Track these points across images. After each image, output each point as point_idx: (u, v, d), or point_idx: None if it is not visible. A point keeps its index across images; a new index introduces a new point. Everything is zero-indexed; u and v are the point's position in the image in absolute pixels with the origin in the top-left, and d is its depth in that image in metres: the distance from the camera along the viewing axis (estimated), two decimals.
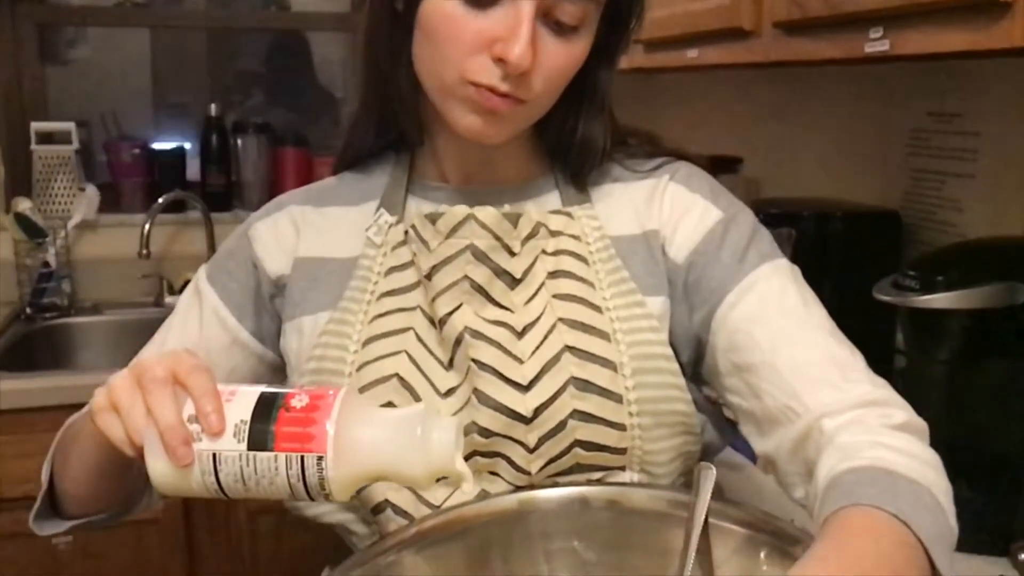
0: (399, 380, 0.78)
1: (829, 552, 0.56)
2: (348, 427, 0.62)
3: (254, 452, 0.61)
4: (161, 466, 0.63)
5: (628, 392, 0.78)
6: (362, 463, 0.62)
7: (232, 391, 0.64)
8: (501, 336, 0.79)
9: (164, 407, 0.61)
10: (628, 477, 0.81)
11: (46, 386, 1.70)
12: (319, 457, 0.61)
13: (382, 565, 0.71)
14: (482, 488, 0.80)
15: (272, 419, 0.62)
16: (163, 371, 0.63)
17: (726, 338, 0.79)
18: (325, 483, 0.62)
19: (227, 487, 0.63)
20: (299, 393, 0.63)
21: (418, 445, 0.62)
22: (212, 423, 0.61)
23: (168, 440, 0.61)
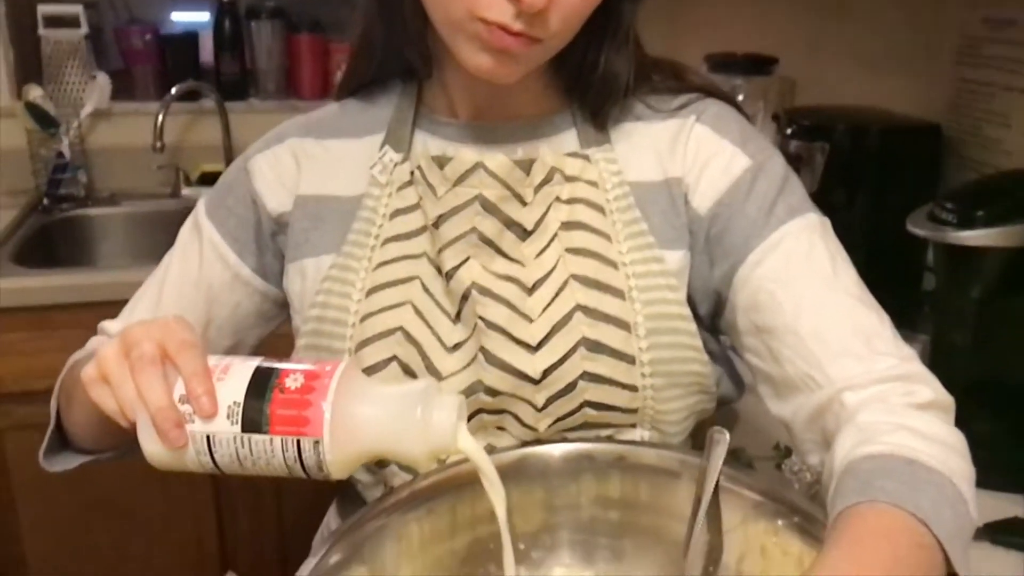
0: (403, 334, 0.76)
1: (840, 561, 0.54)
2: (345, 408, 0.59)
3: (249, 434, 0.60)
4: (154, 446, 0.61)
5: (641, 353, 0.75)
6: (360, 445, 0.60)
7: (225, 367, 0.62)
8: (510, 293, 0.75)
9: (153, 389, 0.59)
10: (638, 435, 0.79)
11: (67, 284, 1.69)
12: (316, 441, 0.59)
13: (374, 528, 0.69)
14: (488, 442, 0.78)
15: (266, 400, 0.59)
16: (152, 347, 0.61)
17: (748, 297, 0.75)
18: (323, 465, 0.60)
19: (223, 467, 0.62)
20: (294, 371, 0.60)
21: (418, 425, 0.60)
22: (203, 406, 0.59)
23: (159, 423, 0.59)
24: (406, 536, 0.71)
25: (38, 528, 1.74)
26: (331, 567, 0.66)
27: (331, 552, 0.67)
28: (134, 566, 1.78)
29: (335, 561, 0.66)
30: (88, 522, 1.75)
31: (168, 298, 0.85)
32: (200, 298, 0.84)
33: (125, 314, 0.87)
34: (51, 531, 1.74)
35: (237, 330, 0.87)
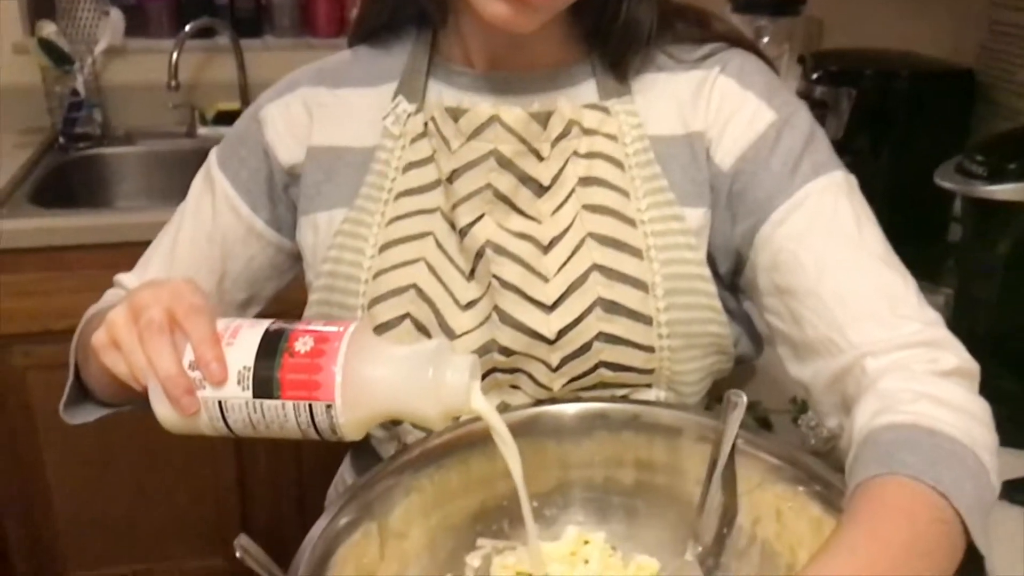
0: (416, 291, 0.75)
1: (859, 539, 0.53)
2: (356, 371, 0.59)
3: (260, 400, 0.59)
4: (166, 412, 0.61)
5: (659, 314, 0.73)
6: (372, 407, 0.60)
7: (235, 330, 0.61)
8: (525, 251, 0.74)
9: (162, 356, 0.59)
10: (654, 395, 0.78)
11: (83, 224, 1.69)
12: (327, 405, 0.58)
13: (386, 487, 0.69)
14: (502, 400, 0.77)
15: (276, 365, 0.59)
16: (160, 313, 0.60)
17: (769, 257, 0.73)
18: (336, 428, 0.59)
19: (237, 431, 0.61)
20: (304, 334, 0.60)
21: (430, 387, 0.59)
22: (213, 372, 0.58)
23: (169, 391, 0.59)
24: (418, 494, 0.71)
25: (62, 464, 1.77)
26: (342, 527, 0.66)
27: (342, 512, 0.67)
28: (155, 503, 1.82)
29: (346, 520, 0.66)
30: (110, 459, 1.78)
31: (182, 251, 0.84)
32: (214, 252, 0.83)
33: (140, 266, 0.87)
34: (74, 467, 1.77)
35: (252, 283, 0.86)
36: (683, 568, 0.73)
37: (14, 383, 1.71)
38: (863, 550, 0.52)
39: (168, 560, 1.87)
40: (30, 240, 1.65)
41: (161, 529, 1.84)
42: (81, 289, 0.87)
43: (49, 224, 1.68)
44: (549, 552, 0.75)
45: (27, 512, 1.79)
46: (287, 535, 1.99)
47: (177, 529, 1.85)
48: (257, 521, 1.86)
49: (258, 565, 0.58)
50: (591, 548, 0.75)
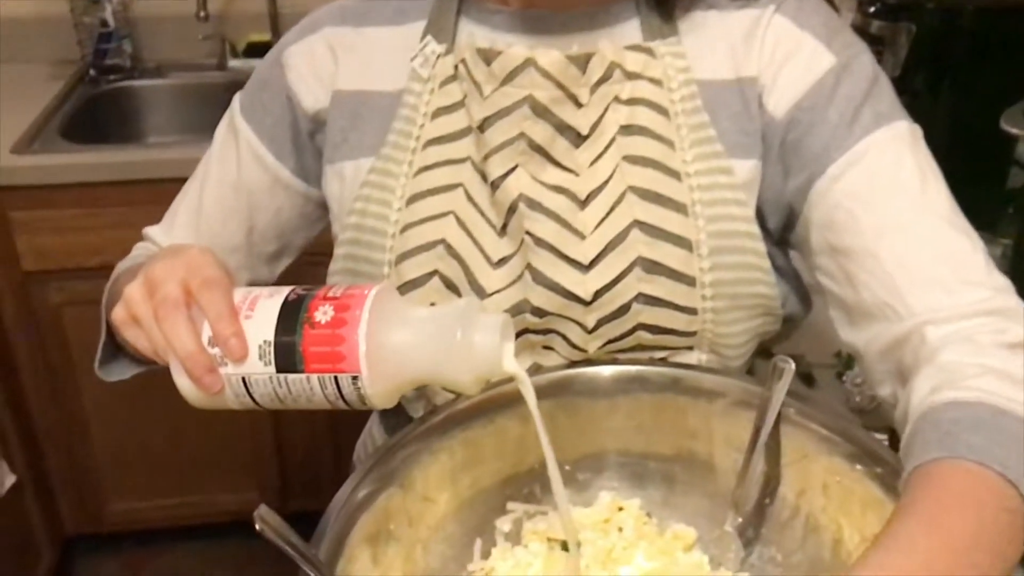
0: (445, 247, 0.71)
1: (918, 532, 0.49)
2: (381, 338, 0.55)
3: (284, 374, 0.57)
4: (190, 390, 0.59)
5: (703, 274, 0.69)
6: (400, 375, 0.57)
7: (252, 302, 0.58)
8: (561, 206, 0.69)
9: (180, 335, 0.57)
10: (695, 358, 0.74)
11: (116, 160, 1.67)
12: (353, 376, 0.56)
13: (414, 450, 0.67)
14: (534, 361, 0.74)
15: (298, 337, 0.56)
16: (175, 289, 0.58)
17: (824, 214, 0.68)
18: (365, 399, 0.57)
19: (264, 405, 0.59)
20: (323, 302, 0.56)
21: (460, 350, 0.56)
22: (233, 348, 0.56)
23: (190, 370, 0.57)
24: (447, 458, 0.69)
25: (99, 398, 1.78)
26: (367, 493, 0.64)
27: (368, 477, 0.64)
28: (191, 437, 1.83)
29: (371, 486, 0.64)
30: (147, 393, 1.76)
31: (208, 204, 0.81)
32: (241, 203, 0.80)
33: (167, 219, 0.84)
34: (111, 401, 1.78)
35: (281, 235, 0.83)
36: (722, 539, 0.70)
37: (50, 319, 1.72)
38: (923, 544, 0.48)
39: (204, 494, 1.90)
40: (62, 176, 1.64)
41: (197, 463, 1.86)
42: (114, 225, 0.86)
43: (80, 159, 1.67)
44: (581, 519, 0.72)
45: (67, 445, 1.82)
46: (321, 469, 2.00)
47: (213, 463, 1.86)
48: (292, 455, 1.87)
49: (278, 537, 0.56)
50: (625, 515, 0.72)
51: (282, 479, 1.88)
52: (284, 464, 1.88)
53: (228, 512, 1.87)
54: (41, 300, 1.71)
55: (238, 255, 0.82)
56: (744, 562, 0.70)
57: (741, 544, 0.69)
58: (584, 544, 0.71)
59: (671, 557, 0.70)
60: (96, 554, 1.94)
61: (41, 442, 1.81)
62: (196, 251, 0.61)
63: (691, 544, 0.71)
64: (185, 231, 0.82)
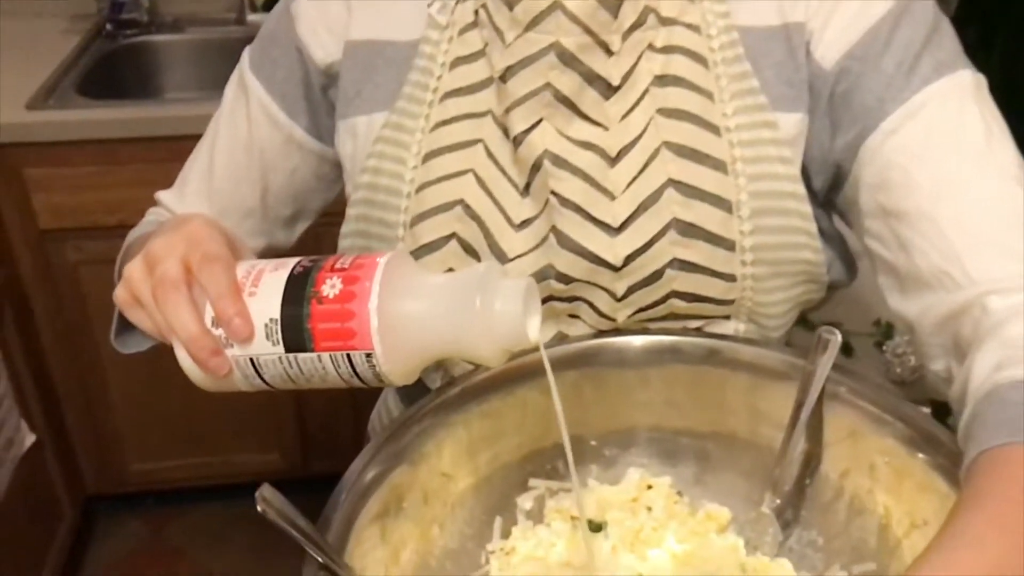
0: (464, 208, 0.66)
1: (987, 528, 0.44)
2: (394, 310, 0.51)
3: (293, 354, 0.53)
4: (196, 373, 0.56)
5: (743, 238, 0.64)
6: (417, 350, 0.53)
7: (256, 276, 0.54)
8: (589, 163, 0.64)
9: (180, 316, 0.53)
10: (732, 328, 0.69)
11: (134, 117, 1.63)
12: (367, 353, 0.51)
13: (429, 424, 0.63)
14: (559, 331, 0.69)
15: (305, 314, 0.52)
16: (174, 267, 0.54)
17: (876, 173, 0.62)
18: (382, 376, 0.53)
19: (276, 386, 0.56)
20: (331, 274, 0.52)
21: (479, 320, 0.51)
22: (237, 329, 0.52)
23: (195, 354, 0.53)
24: (464, 432, 0.65)
25: (119, 358, 1.75)
26: (380, 470, 0.60)
27: (380, 452, 0.61)
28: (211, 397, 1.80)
29: (384, 461, 0.60)
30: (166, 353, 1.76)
31: (220, 167, 0.77)
32: (253, 165, 0.76)
33: (179, 184, 0.80)
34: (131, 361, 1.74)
35: (297, 197, 0.79)
36: (758, 520, 0.66)
37: (68, 278, 1.70)
38: (993, 542, 0.43)
39: (225, 454, 1.88)
40: (78, 132, 1.60)
41: (217, 423, 1.84)
42: (131, 183, 0.84)
43: (98, 116, 1.63)
44: (608, 497, 0.68)
45: (86, 405, 1.81)
46: (342, 430, 1.98)
47: (233, 424, 1.85)
48: (312, 415, 1.85)
49: (282, 519, 0.52)
50: (655, 494, 0.68)
51: (302, 440, 1.87)
52: (304, 425, 1.86)
53: (250, 473, 1.85)
54: (58, 259, 1.69)
55: (253, 219, 0.78)
56: (782, 546, 0.65)
57: (779, 526, 0.65)
58: (610, 524, 0.67)
59: (703, 539, 0.66)
60: (118, 514, 1.95)
61: (61, 402, 1.80)
62: (197, 223, 0.57)
63: (725, 525, 0.67)
64: (197, 196, 0.78)
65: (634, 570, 0.64)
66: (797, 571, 0.64)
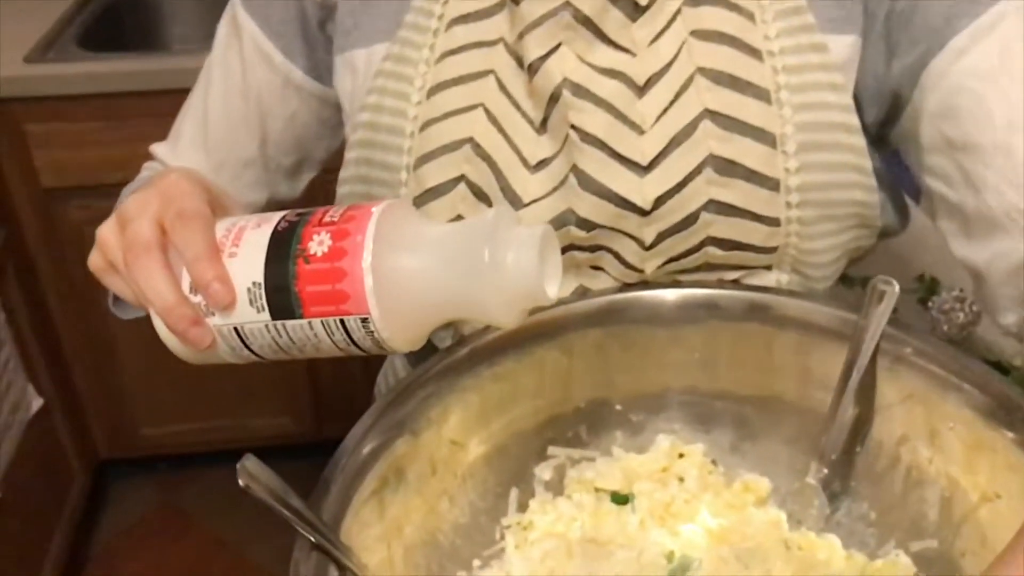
0: (473, 147, 0.59)
1: None
2: (391, 268, 0.45)
3: (281, 321, 0.47)
4: (177, 344, 0.50)
5: (788, 176, 0.57)
6: (419, 312, 0.46)
7: (237, 234, 0.48)
8: (614, 93, 0.57)
9: (153, 283, 0.47)
10: (774, 279, 0.62)
11: (137, 69, 1.57)
12: (363, 318, 0.45)
13: (435, 388, 0.57)
14: (580, 284, 0.63)
15: (291, 275, 0.46)
16: (146, 228, 0.48)
17: (941, 100, 0.55)
18: (383, 343, 0.47)
19: (267, 357, 0.50)
20: (319, 229, 0.46)
21: (489, 275, 0.44)
22: (216, 295, 0.46)
23: (172, 325, 0.48)
24: (476, 397, 0.59)
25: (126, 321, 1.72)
26: (383, 439, 0.54)
27: (383, 418, 0.55)
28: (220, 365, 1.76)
29: (387, 429, 0.54)
30: None
31: (214, 115, 0.71)
32: (250, 110, 0.69)
33: (173, 136, 0.74)
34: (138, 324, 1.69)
35: (299, 144, 0.72)
36: (802, 492, 0.59)
37: (72, 237, 1.65)
38: None
39: (236, 418, 1.85)
40: (80, 86, 1.55)
41: (228, 387, 1.80)
42: (136, 139, 0.80)
43: (100, 69, 1.57)
44: (635, 467, 0.62)
45: (95, 368, 1.78)
46: (355, 392, 1.94)
47: (244, 387, 1.81)
48: (324, 378, 1.81)
49: (268, 494, 0.46)
50: (687, 463, 0.62)
51: (315, 403, 1.82)
52: (317, 387, 1.82)
53: (262, 436, 1.82)
54: (63, 218, 1.64)
55: (252, 170, 0.72)
56: (829, 520, 0.59)
57: (826, 499, 0.59)
58: (638, 496, 0.61)
59: (741, 513, 0.60)
60: (131, 478, 1.92)
61: (69, 365, 1.77)
62: (174, 177, 0.52)
63: (765, 498, 0.61)
64: (192, 147, 0.72)
65: (664, 547, 0.58)
66: (846, 548, 0.58)
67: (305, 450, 1.36)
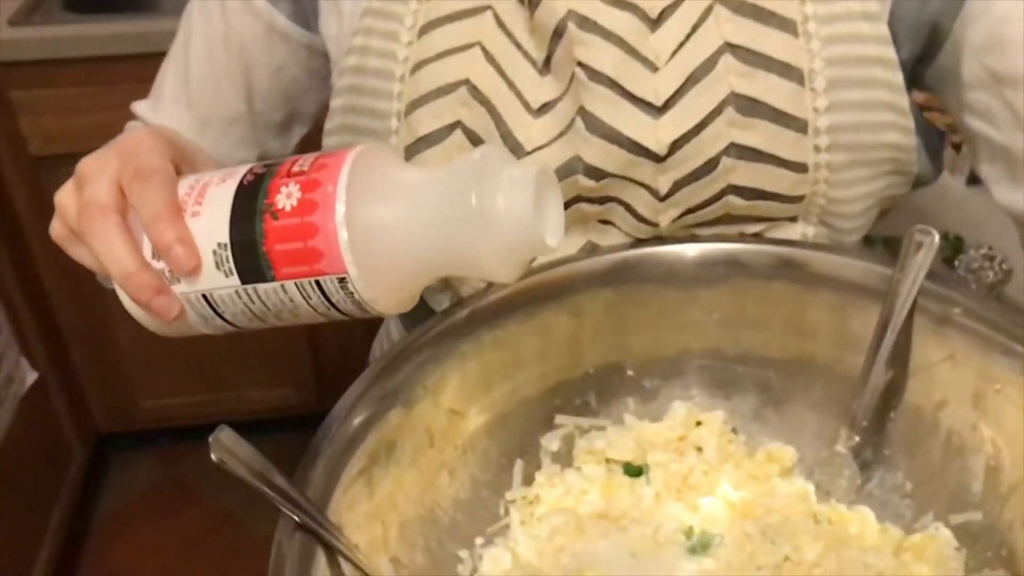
0: (470, 90, 0.54)
1: None
2: (367, 220, 0.40)
3: (252, 285, 0.42)
4: (143, 315, 0.45)
5: (817, 116, 0.52)
6: (405, 269, 0.42)
7: (201, 191, 0.43)
8: (625, 26, 0.52)
9: (111, 249, 0.43)
10: (799, 232, 0.57)
11: (125, 31, 1.52)
12: (339, 278, 0.41)
13: (429, 355, 0.52)
14: (588, 240, 0.58)
15: (259, 233, 0.41)
16: (103, 189, 0.44)
17: (987, 31, 0.50)
18: (365, 305, 0.42)
19: (243, 326, 0.45)
20: (286, 180, 0.41)
21: (478, 223, 0.39)
22: (178, 258, 0.42)
23: (133, 294, 0.43)
24: (476, 362, 0.54)
25: None
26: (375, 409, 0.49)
27: (374, 386, 0.50)
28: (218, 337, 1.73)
29: (378, 396, 0.50)
30: None
31: (196, 67, 0.66)
32: (233, 62, 0.64)
33: (155, 92, 0.70)
34: None
35: (288, 98, 0.67)
36: (832, 461, 0.55)
37: None
38: None
39: (237, 390, 1.81)
40: (67, 50, 1.50)
41: (227, 358, 1.77)
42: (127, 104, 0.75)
43: (87, 31, 1.52)
44: (649, 436, 0.57)
45: (91, 341, 1.74)
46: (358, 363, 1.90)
47: (243, 358, 1.77)
48: (325, 348, 1.77)
49: (245, 470, 0.42)
50: (705, 431, 0.58)
51: (317, 374, 1.79)
52: (318, 358, 1.78)
53: (264, 409, 1.79)
54: (53, 186, 1.53)
55: (239, 126, 0.67)
56: (860, 491, 0.54)
57: (857, 468, 0.54)
58: (653, 467, 0.56)
59: (765, 485, 0.55)
60: (131, 452, 1.89)
61: (64, 337, 1.73)
62: (136, 133, 0.48)
63: (790, 468, 0.56)
64: (174, 103, 0.67)
65: (683, 522, 0.54)
66: (880, 521, 0.53)
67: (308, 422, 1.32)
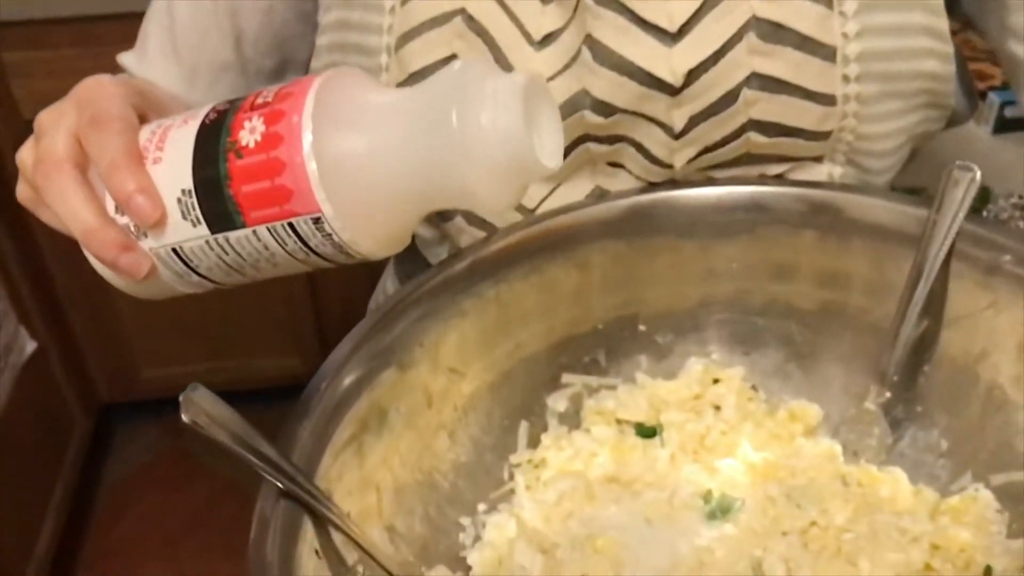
0: (466, 20, 0.50)
1: None
2: (337, 149, 0.36)
3: (223, 234, 0.38)
4: (111, 275, 0.42)
5: (847, 43, 0.47)
6: (385, 203, 0.37)
7: (162, 136, 0.40)
8: None
9: (69, 204, 0.40)
10: (826, 172, 0.53)
11: None
12: (314, 218, 0.37)
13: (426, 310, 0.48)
14: (596, 185, 0.54)
15: (223, 175, 0.37)
16: (61, 141, 0.41)
17: None
18: (346, 247, 0.38)
19: (220, 281, 0.41)
20: (250, 114, 0.37)
21: (460, 143, 0.35)
22: (141, 210, 0.38)
23: (97, 252, 0.40)
24: (476, 319, 0.50)
25: None
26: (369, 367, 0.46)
27: (368, 341, 0.46)
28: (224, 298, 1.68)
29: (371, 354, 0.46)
30: None
31: (181, 15, 0.61)
32: (220, 6, 0.60)
33: (140, 43, 0.65)
34: None
35: (279, 43, 0.63)
36: (860, 419, 0.52)
37: None
38: None
39: (240, 358, 1.79)
40: (57, 9, 1.46)
41: (230, 326, 1.74)
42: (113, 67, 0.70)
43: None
44: (663, 395, 0.54)
45: (91, 310, 1.71)
46: None
47: (247, 326, 1.74)
48: (330, 314, 1.73)
49: (222, 432, 0.39)
50: (723, 389, 0.54)
51: (321, 342, 1.76)
52: (322, 325, 1.75)
53: (269, 377, 1.76)
54: None
55: (229, 75, 0.63)
56: (892, 450, 0.51)
57: (888, 426, 0.51)
58: (667, 428, 0.53)
59: (789, 445, 0.52)
60: (136, 421, 1.87)
61: (64, 307, 1.70)
62: (95, 81, 0.45)
63: (815, 427, 0.53)
64: (160, 54, 0.63)
65: (700, 486, 0.50)
66: (913, 482, 0.50)
67: None
